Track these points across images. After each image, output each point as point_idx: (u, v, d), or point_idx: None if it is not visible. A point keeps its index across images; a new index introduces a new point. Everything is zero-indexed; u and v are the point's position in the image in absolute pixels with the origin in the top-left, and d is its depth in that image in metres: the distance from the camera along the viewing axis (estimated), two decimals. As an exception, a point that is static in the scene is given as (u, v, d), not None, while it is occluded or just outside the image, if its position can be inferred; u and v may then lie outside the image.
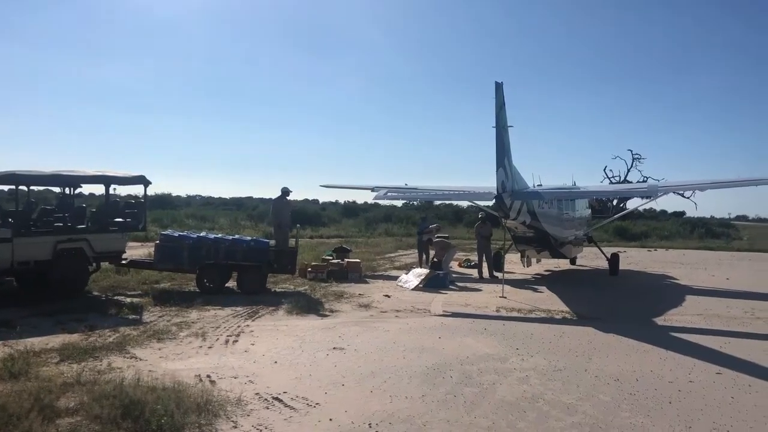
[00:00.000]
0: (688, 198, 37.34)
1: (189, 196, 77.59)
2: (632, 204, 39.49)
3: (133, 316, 11.89)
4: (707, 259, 28.99)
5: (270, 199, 19.68)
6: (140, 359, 8.74)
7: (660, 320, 12.80)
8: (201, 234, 16.52)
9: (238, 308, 12.91)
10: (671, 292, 17.43)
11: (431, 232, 21.42)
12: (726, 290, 17.89)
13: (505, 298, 15.34)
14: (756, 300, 15.73)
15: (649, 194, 20.65)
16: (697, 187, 21.98)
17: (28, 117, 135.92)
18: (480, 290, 17.00)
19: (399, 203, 57.77)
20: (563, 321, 12.63)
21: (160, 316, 11.86)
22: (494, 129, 16.03)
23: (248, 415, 6.51)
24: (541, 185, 20.07)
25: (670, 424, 6.57)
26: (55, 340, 9.58)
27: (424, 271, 18.18)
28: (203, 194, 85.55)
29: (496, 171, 15.87)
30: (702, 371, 8.74)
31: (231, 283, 15.80)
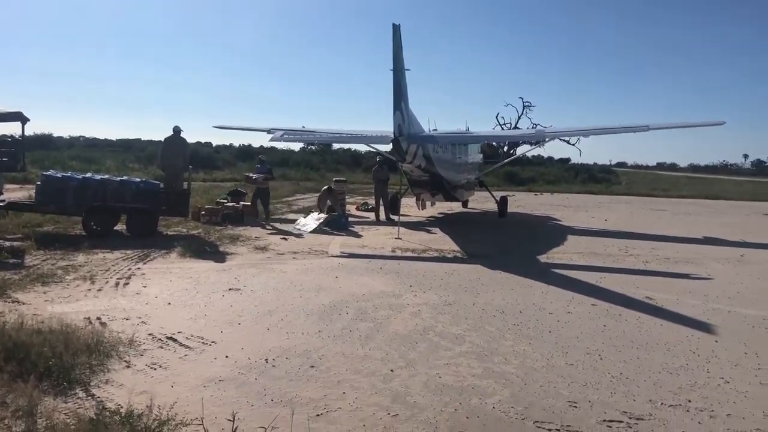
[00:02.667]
0: (573, 145, 39.29)
1: (72, 137, 72.82)
2: (521, 149, 41.15)
3: (14, 261, 11.21)
4: (588, 203, 30.83)
5: (159, 141, 18.85)
6: (23, 303, 8.32)
7: (543, 258, 13.60)
8: (86, 175, 15.67)
9: (129, 251, 12.49)
10: (554, 233, 18.48)
11: (256, 180, 19.06)
12: (604, 230, 19.16)
13: (401, 239, 15.72)
14: (630, 239, 16.98)
15: (537, 139, 21.64)
16: (581, 134, 23.20)
17: None
18: (377, 232, 17.30)
19: (296, 146, 57.32)
20: (454, 260, 13.14)
21: (44, 260, 11.27)
22: (392, 72, 16.07)
23: (141, 355, 6.43)
24: (436, 130, 20.46)
25: (549, 351, 7.10)
26: (-75, 287, 8.94)
27: (323, 215, 18.20)
28: (87, 135, 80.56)
29: (393, 114, 16.00)
30: (579, 303, 9.44)
31: (120, 227, 15.22)
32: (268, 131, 21.59)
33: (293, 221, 18.50)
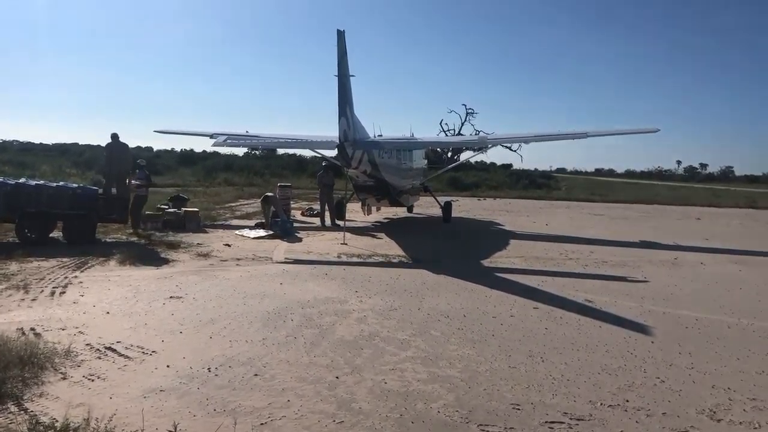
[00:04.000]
0: (514, 151, 40.17)
1: (5, 141, 70.14)
2: (465, 155, 41.78)
3: (-61, 270, 10.72)
4: (530, 207, 31.50)
5: (99, 146, 18.39)
6: (-51, 315, 7.96)
7: (486, 262, 13.81)
8: (20, 180, 15.08)
9: (65, 259, 12.08)
10: (497, 237, 18.79)
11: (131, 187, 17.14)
12: (545, 234, 19.59)
13: (346, 244, 15.71)
14: (570, 243, 17.42)
15: (480, 146, 22.01)
16: (523, 140, 23.71)
17: None
18: (322, 237, 17.23)
19: (240, 152, 56.50)
20: (400, 264, 13.21)
21: (-28, 270, 10.79)
22: (336, 78, 16.07)
23: (79, 366, 6.22)
24: (381, 135, 20.54)
25: (493, 354, 7.21)
26: None
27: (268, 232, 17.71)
28: (21, 139, 77.68)
29: (339, 120, 16.00)
30: (521, 306, 9.61)
31: (57, 233, 14.71)
32: (211, 136, 21.22)
33: (236, 227, 18.26)
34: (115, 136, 16.65)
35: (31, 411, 5.10)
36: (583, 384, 6.29)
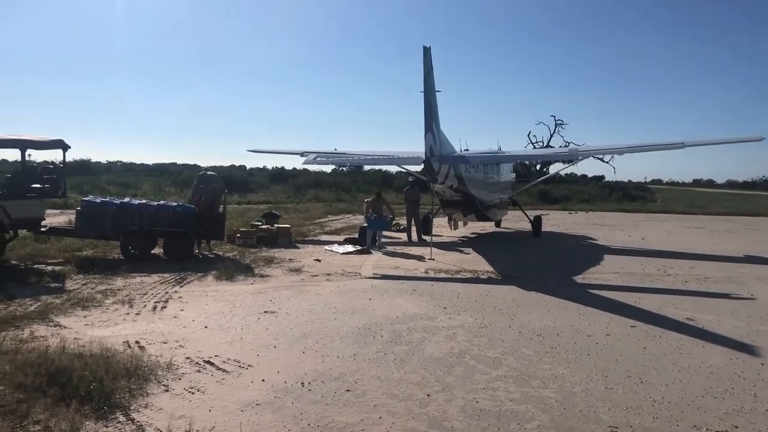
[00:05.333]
0: (607, 162, 38.99)
1: (110, 162, 75.00)
2: (554, 168, 40.92)
3: (55, 285, 11.51)
4: (624, 221, 30.36)
5: (196, 165, 19.20)
6: (65, 327, 8.51)
7: (579, 278, 13.41)
8: (125, 200, 16.03)
9: (165, 275, 12.69)
10: (590, 252, 18.22)
11: None
12: (641, 249, 18.84)
13: (434, 260, 15.68)
14: (668, 258, 16.66)
15: (571, 158, 21.44)
16: (615, 152, 23.05)
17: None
18: (409, 253, 17.28)
19: (328, 168, 57.78)
20: (488, 281, 13.04)
21: (83, 284, 11.53)
22: (422, 93, 16.16)
23: (179, 379, 6.50)
24: (468, 150, 20.45)
25: (588, 374, 6.97)
26: (-29, 311, 9.19)
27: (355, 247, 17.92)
28: (125, 160, 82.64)
29: (425, 135, 16.05)
30: (618, 325, 9.26)
31: (157, 250, 15.49)
32: (301, 154, 21.81)
33: (326, 243, 18.61)
34: (203, 176, 17.29)
35: (138, 421, 5.37)
36: (686, 407, 5.97)
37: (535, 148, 54.06)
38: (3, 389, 5.88)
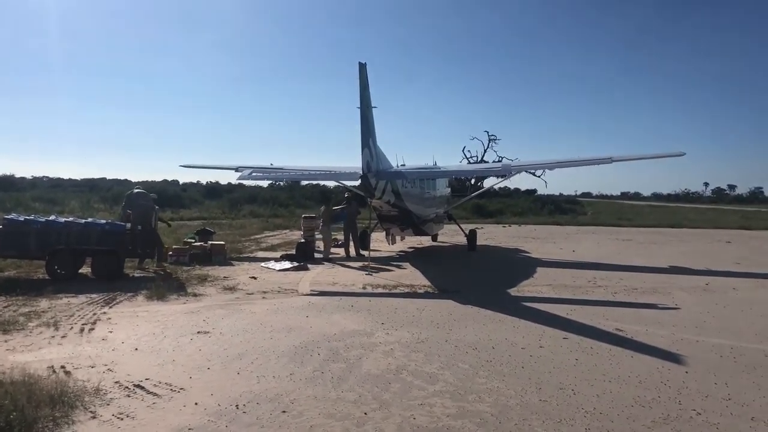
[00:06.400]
0: (538, 177, 39.86)
1: (35, 178, 71.80)
2: (488, 183, 41.69)
3: (-27, 308, 10.90)
4: (556, 233, 31.21)
5: (127, 180, 18.66)
6: (-18, 354, 8.06)
7: (514, 291, 13.66)
8: (50, 218, 15.38)
9: (94, 295, 12.21)
10: (524, 265, 18.61)
11: None
12: (572, 261, 19.38)
13: (372, 275, 15.68)
14: (598, 270, 17.19)
15: (504, 173, 21.85)
16: (546, 166, 23.66)
17: None
18: (347, 268, 17.23)
19: (264, 184, 57.10)
20: (426, 295, 13.13)
21: (5, 306, 10.95)
22: (359, 109, 16.22)
23: (108, 405, 6.24)
24: (404, 165, 20.62)
25: (523, 387, 7.08)
26: None
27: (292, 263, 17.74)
28: (51, 175, 79.40)
29: (362, 151, 16.09)
30: (550, 337, 9.45)
31: (85, 269, 14.90)
32: (236, 169, 21.51)
33: (262, 260, 18.35)
34: (131, 194, 16.90)
35: (62, 452, 5.11)
36: (617, 417, 6.14)
37: (469, 163, 54.94)
38: None
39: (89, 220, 16.17)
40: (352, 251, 20.34)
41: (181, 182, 70.26)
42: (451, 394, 6.80)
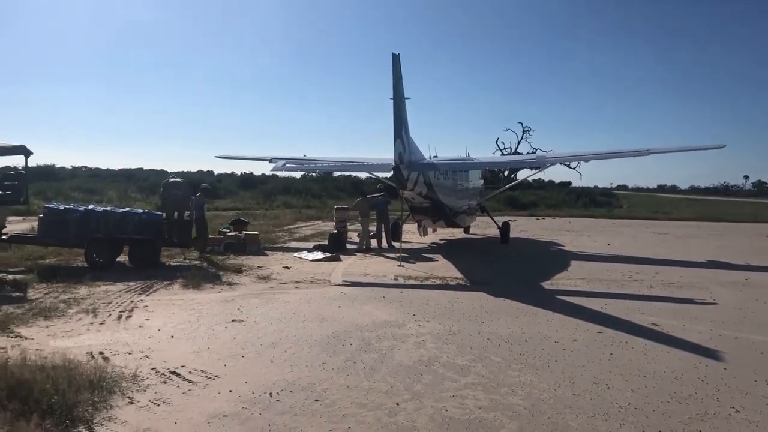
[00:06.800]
0: (573, 169, 39.45)
1: (74, 168, 73.30)
2: (522, 174, 41.35)
3: (17, 294, 11.23)
4: (591, 226, 30.79)
5: (163, 170, 18.97)
6: (26, 338, 8.30)
7: (547, 284, 13.54)
8: (89, 207, 15.72)
9: (131, 283, 12.47)
10: (557, 258, 18.42)
11: None
12: (607, 255, 19.11)
13: (403, 266, 15.69)
14: (633, 264, 16.92)
15: (538, 165, 21.64)
16: (582, 158, 23.33)
17: None
18: (379, 259, 17.26)
19: (297, 175, 57.45)
20: (457, 287, 13.09)
21: (46, 293, 11.26)
22: (392, 100, 16.19)
23: (144, 391, 6.37)
24: (437, 156, 20.54)
25: (556, 380, 7.02)
26: (-73, 322, 8.90)
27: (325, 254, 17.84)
28: (90, 165, 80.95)
29: (394, 142, 16.08)
30: (585, 331, 9.36)
31: (123, 258, 15.22)
32: (270, 160, 21.69)
33: (295, 250, 18.49)
34: (166, 183, 17.23)
35: (101, 435, 5.24)
36: (652, 413, 6.05)
37: (503, 154, 54.53)
38: (-40, 404, 5.70)
39: (127, 209, 16.49)
40: (384, 243, 20.36)
41: (216, 173, 71.12)
42: (483, 386, 6.79)
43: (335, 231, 20.17)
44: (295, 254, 17.58)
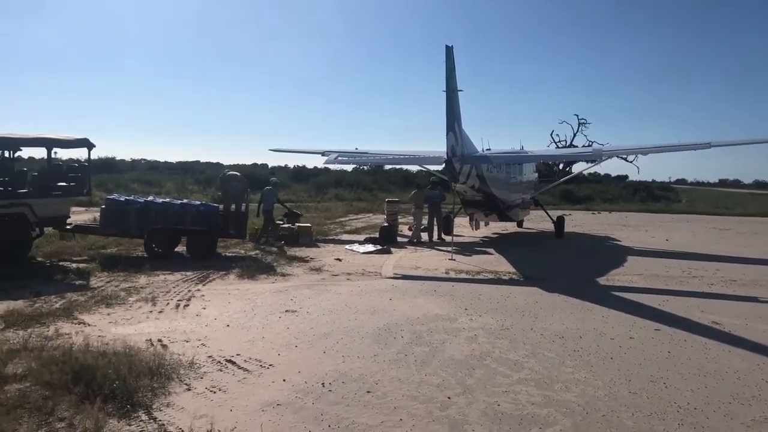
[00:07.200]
0: (630, 162, 38.39)
1: (134, 160, 75.35)
2: (577, 168, 40.57)
3: (80, 282, 11.68)
4: (648, 221, 29.99)
5: (218, 164, 19.38)
6: (89, 325, 8.62)
7: (602, 280, 13.27)
8: (149, 198, 16.19)
9: (188, 273, 12.79)
10: (613, 253, 18.02)
11: None
12: (665, 251, 18.59)
13: (455, 260, 15.62)
14: (692, 260, 16.41)
15: (594, 158, 21.23)
16: (640, 152, 22.75)
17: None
18: (430, 252, 17.23)
19: (349, 168, 57.69)
20: (510, 282, 12.96)
21: (107, 282, 11.67)
22: (444, 93, 16.10)
23: (201, 378, 6.54)
24: (490, 149, 20.35)
25: (611, 378, 6.89)
26: (-1, 307, 9.35)
27: (375, 246, 17.93)
28: (148, 158, 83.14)
29: (446, 135, 16.00)
30: (641, 328, 9.14)
31: (180, 248, 15.62)
32: (322, 153, 21.90)
33: (346, 242, 18.63)
34: (223, 176, 17.64)
35: (160, 420, 5.41)
36: (713, 414, 5.87)
37: (558, 147, 53.55)
38: (29, 386, 5.97)
39: (185, 201, 16.91)
40: (436, 236, 20.31)
41: (270, 165, 71.97)
42: (536, 382, 6.71)
43: (386, 224, 20.22)
44: (347, 246, 17.71)
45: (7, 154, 15.24)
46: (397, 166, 53.84)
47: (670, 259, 16.77)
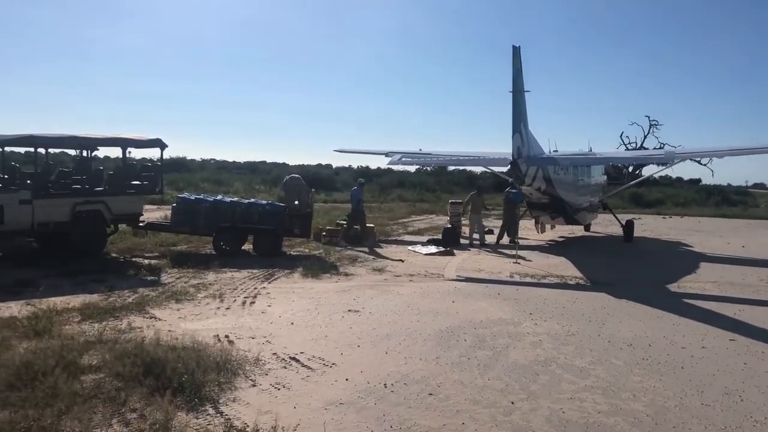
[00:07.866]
0: (704, 165, 37.02)
1: (203, 160, 77.46)
2: (648, 171, 39.36)
3: (151, 278, 12.12)
4: (723, 227, 28.76)
5: (284, 164, 19.76)
6: (159, 319, 8.94)
7: (674, 287, 12.81)
8: (217, 197, 16.65)
9: (255, 271, 13.08)
10: (685, 259, 17.36)
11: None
12: (741, 258, 17.79)
13: (519, 263, 15.40)
14: (771, 268, 15.64)
15: (666, 161, 20.56)
16: (715, 154, 21.89)
17: (38, 80, 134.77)
18: (494, 255, 17.05)
19: (412, 169, 57.67)
20: (577, 287, 12.68)
21: (177, 278, 12.05)
22: (511, 94, 15.91)
23: (266, 374, 6.67)
24: (557, 151, 19.99)
25: (682, 389, 6.64)
26: (76, 300, 9.79)
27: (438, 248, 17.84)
28: (217, 158, 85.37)
29: (512, 136, 15.81)
30: (715, 338, 8.78)
31: (247, 246, 15.98)
32: (386, 154, 21.98)
33: (409, 243, 18.63)
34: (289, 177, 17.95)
35: (226, 415, 5.55)
36: (793, 431, 5.58)
37: (627, 149, 52.09)
38: (104, 377, 6.22)
39: (252, 200, 17.30)
40: (504, 238, 19.99)
41: (334, 166, 72.76)
42: (603, 390, 6.54)
43: (449, 225, 20.08)
44: (409, 247, 17.72)
45: (85, 153, 15.99)
46: (461, 168, 53.53)
47: (747, 266, 16.03)
